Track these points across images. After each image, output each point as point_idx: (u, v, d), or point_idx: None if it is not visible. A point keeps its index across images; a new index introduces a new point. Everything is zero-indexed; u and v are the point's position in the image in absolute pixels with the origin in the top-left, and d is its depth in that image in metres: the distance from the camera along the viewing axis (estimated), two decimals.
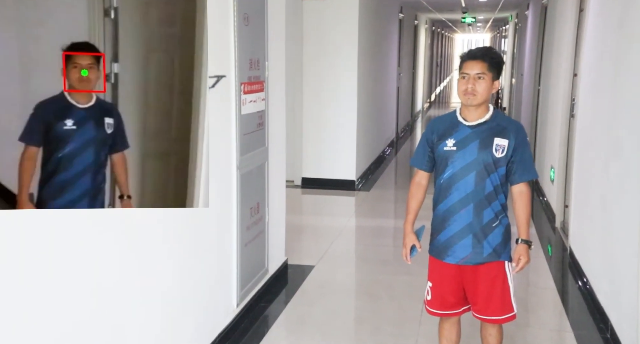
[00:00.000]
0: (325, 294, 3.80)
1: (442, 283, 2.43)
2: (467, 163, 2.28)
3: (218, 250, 2.94)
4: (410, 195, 2.49)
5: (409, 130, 11.80)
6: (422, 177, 2.47)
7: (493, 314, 2.41)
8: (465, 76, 2.28)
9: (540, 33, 7.42)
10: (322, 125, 6.49)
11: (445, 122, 2.37)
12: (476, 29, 23.64)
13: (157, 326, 2.40)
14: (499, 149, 2.28)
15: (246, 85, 3.05)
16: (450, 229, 2.34)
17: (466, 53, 2.35)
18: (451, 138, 2.30)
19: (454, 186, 2.30)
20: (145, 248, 2.27)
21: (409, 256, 2.46)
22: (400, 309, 3.56)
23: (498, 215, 2.33)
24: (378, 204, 6.29)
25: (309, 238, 4.91)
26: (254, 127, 3.23)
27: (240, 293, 3.17)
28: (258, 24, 3.21)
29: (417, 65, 13.23)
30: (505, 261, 2.38)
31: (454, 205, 2.31)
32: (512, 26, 13.67)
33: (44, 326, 1.75)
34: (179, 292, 2.56)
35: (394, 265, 4.40)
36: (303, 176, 6.56)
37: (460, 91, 2.29)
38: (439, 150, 2.33)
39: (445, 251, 2.37)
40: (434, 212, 2.40)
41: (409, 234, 2.46)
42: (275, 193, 3.69)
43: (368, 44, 6.98)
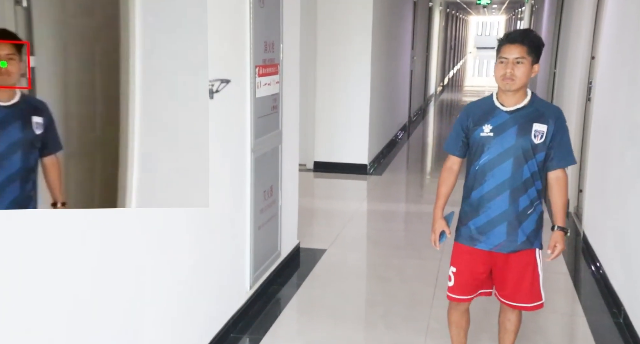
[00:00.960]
0: (337, 278, 3.82)
1: (469, 269, 2.40)
2: (505, 150, 2.24)
3: (232, 232, 2.96)
4: (442, 180, 2.45)
5: (421, 114, 11.73)
6: (455, 162, 2.43)
7: (522, 301, 2.39)
8: (504, 60, 2.22)
9: (558, 15, 7.29)
10: (335, 108, 6.47)
11: (482, 107, 2.32)
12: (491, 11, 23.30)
13: (173, 309, 2.43)
14: (538, 135, 2.24)
15: (261, 68, 3.04)
16: (484, 216, 2.30)
17: (504, 36, 2.28)
18: (488, 124, 2.26)
19: (490, 172, 2.26)
20: (159, 232, 2.29)
21: (438, 242, 2.45)
22: (412, 293, 3.58)
23: (533, 202, 2.29)
24: (390, 188, 6.29)
25: (321, 222, 4.93)
26: (268, 110, 3.23)
27: (253, 275, 3.20)
28: (273, 5, 3.19)
29: (430, 48, 13.09)
30: (537, 249, 2.35)
31: (489, 191, 2.27)
32: (529, 8, 13.45)
33: (62, 310, 1.78)
34: (193, 275, 2.59)
35: (405, 248, 4.41)
36: (315, 160, 6.56)
37: (498, 76, 2.23)
38: (475, 136, 2.29)
39: (478, 238, 2.34)
40: (466, 199, 2.37)
41: (438, 220, 2.44)
42: (288, 177, 3.70)
43: (382, 27, 6.91)
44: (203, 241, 2.67)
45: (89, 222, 1.86)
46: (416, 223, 5.14)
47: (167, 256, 2.36)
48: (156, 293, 2.29)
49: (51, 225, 1.72)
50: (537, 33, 2.32)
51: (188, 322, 2.56)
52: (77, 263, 1.83)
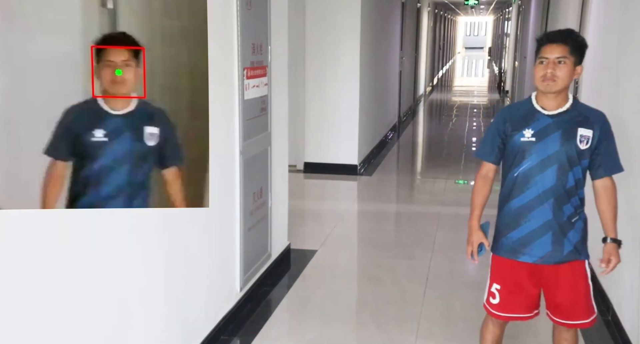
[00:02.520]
0: (328, 278, 3.83)
1: (515, 285, 2.24)
2: (548, 156, 2.11)
3: (221, 234, 2.96)
4: (476, 189, 2.30)
5: (411, 114, 11.77)
6: (490, 170, 2.29)
7: (579, 317, 2.23)
8: (544, 60, 2.09)
9: (544, 15, 7.36)
10: (325, 109, 6.48)
11: (520, 110, 2.19)
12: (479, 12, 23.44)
13: (162, 311, 2.42)
14: (584, 140, 2.11)
15: (249, 70, 3.04)
16: (526, 226, 2.16)
17: (545, 36, 2.15)
18: (529, 129, 2.12)
19: (532, 180, 2.13)
20: (148, 233, 2.28)
21: (476, 255, 2.28)
22: (402, 293, 3.59)
23: (577, 210, 2.18)
24: (380, 188, 6.30)
25: (312, 223, 4.93)
26: (257, 112, 3.23)
27: (244, 277, 3.20)
28: (261, 7, 3.19)
29: (419, 48, 13.14)
30: (585, 260, 2.22)
31: (531, 200, 2.14)
32: (516, 8, 13.55)
33: (51, 310, 1.77)
34: (183, 277, 2.58)
35: (396, 248, 4.42)
36: (305, 161, 6.57)
37: (538, 77, 2.10)
38: (514, 141, 2.15)
39: (521, 249, 2.19)
40: (504, 208, 2.23)
41: (476, 231, 2.27)
42: (278, 178, 3.70)
43: (370, 28, 6.93)
44: (192, 243, 2.66)
45: (75, 223, 1.85)
46: (406, 224, 5.16)
47: (156, 258, 2.35)
48: (145, 295, 2.29)
49: (36, 225, 1.71)
50: (579, 33, 2.17)
51: (178, 324, 2.56)
52: (64, 264, 1.82)
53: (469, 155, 8.24)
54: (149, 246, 2.29)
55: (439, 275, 3.86)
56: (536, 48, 2.16)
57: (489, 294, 2.31)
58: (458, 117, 12.13)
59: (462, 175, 7.05)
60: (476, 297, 3.56)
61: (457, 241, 4.61)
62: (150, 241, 2.30)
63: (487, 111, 13.21)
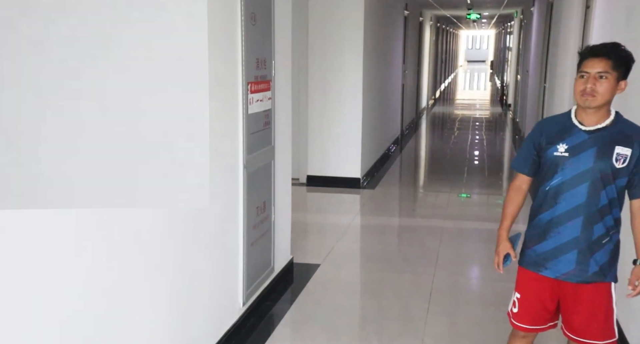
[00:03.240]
0: (331, 293, 3.80)
1: (534, 297, 2.23)
2: (580, 172, 2.06)
3: (224, 249, 2.95)
4: (509, 200, 2.28)
5: (414, 127, 11.78)
6: (523, 182, 2.26)
7: (593, 338, 2.17)
8: (585, 75, 2.03)
9: (546, 29, 7.39)
10: (327, 123, 6.49)
11: (557, 124, 2.14)
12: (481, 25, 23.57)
13: (164, 325, 2.41)
14: (621, 159, 2.03)
15: (253, 85, 3.05)
16: (552, 241, 2.13)
17: (588, 49, 2.08)
18: (563, 143, 2.08)
19: (562, 195, 2.09)
20: (151, 248, 2.28)
21: (502, 265, 2.27)
22: (406, 308, 3.57)
23: (609, 231, 2.10)
24: (383, 202, 6.29)
25: (315, 237, 4.92)
26: (261, 126, 3.23)
27: (247, 292, 3.18)
28: (265, 23, 3.21)
29: (422, 62, 13.20)
30: (612, 282, 2.15)
31: (560, 215, 2.10)
32: (518, 22, 13.62)
33: (54, 323, 1.76)
34: (186, 291, 2.57)
35: (399, 263, 4.40)
36: (308, 174, 6.57)
37: (578, 91, 2.04)
38: (548, 155, 2.11)
39: (544, 264, 2.17)
40: (533, 221, 2.20)
41: (503, 241, 2.26)
42: (281, 192, 3.70)
43: (373, 41, 6.97)
44: (195, 258, 2.65)
45: (78, 236, 1.85)
46: (410, 237, 5.14)
47: (158, 272, 2.34)
48: (148, 310, 2.27)
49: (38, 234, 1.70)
50: (625, 48, 2.10)
51: (181, 339, 2.54)
52: (68, 276, 1.81)
53: (471, 169, 8.23)
54: (153, 261, 2.28)
55: (442, 290, 3.83)
56: (578, 61, 2.10)
57: (512, 303, 2.31)
58: (460, 130, 12.14)
59: (465, 188, 7.03)
60: (481, 313, 3.53)
61: (461, 256, 4.59)
62: (155, 255, 2.29)
63: (489, 124, 13.22)
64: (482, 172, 8.11)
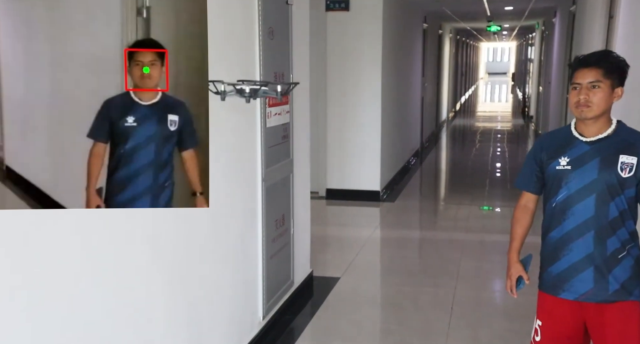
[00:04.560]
0: (351, 306, 3.78)
1: (556, 323, 2.11)
2: (585, 185, 1.99)
3: (244, 262, 2.96)
4: (515, 220, 2.22)
5: (433, 140, 11.73)
6: (529, 200, 2.19)
7: None
8: (577, 86, 1.99)
9: (568, 40, 7.32)
10: (346, 136, 6.50)
11: (557, 138, 2.11)
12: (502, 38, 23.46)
13: (184, 339, 2.42)
14: (626, 168, 1.97)
15: (271, 99, 3.08)
16: (565, 260, 2.04)
17: (577, 60, 2.04)
18: (565, 156, 2.03)
19: (569, 210, 2.02)
20: (170, 261, 2.29)
21: (515, 289, 2.20)
22: (427, 321, 3.52)
23: (625, 245, 2.01)
24: (403, 215, 6.25)
25: (334, 250, 4.90)
26: (279, 140, 3.25)
27: (266, 305, 3.18)
28: (283, 37, 3.25)
29: (441, 74, 13.17)
30: (639, 300, 2.03)
31: (569, 232, 2.02)
32: (539, 34, 13.52)
33: (73, 341, 1.78)
34: (205, 305, 2.58)
35: (419, 276, 4.36)
36: (327, 187, 6.57)
37: (572, 103, 2.00)
38: (550, 170, 2.06)
39: (561, 285, 2.07)
40: (544, 240, 2.12)
41: (514, 264, 2.19)
42: (300, 205, 3.70)
43: (392, 54, 6.99)
44: (215, 272, 2.66)
45: (94, 245, 1.87)
46: (430, 250, 5.10)
47: (177, 286, 2.35)
48: (168, 324, 2.28)
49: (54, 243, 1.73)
50: (616, 53, 2.08)
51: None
52: (87, 288, 1.83)
53: (493, 181, 8.14)
54: (171, 274, 2.30)
55: (464, 304, 3.78)
56: (570, 73, 2.07)
57: (534, 331, 2.19)
58: (482, 142, 12.04)
59: (487, 201, 6.95)
60: (503, 327, 3.47)
61: (482, 269, 4.53)
62: (174, 268, 2.31)
63: (511, 136, 13.09)
64: (504, 184, 8.02)
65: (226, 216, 2.73)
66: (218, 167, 2.63)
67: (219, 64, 2.48)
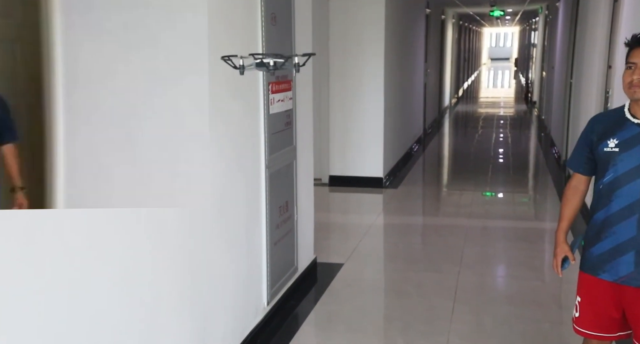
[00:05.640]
0: (355, 292, 3.80)
1: (595, 302, 2.12)
2: (633, 167, 1.97)
3: (248, 248, 2.97)
4: (565, 200, 2.20)
5: (436, 126, 11.70)
6: (579, 181, 2.18)
7: None
8: (632, 66, 1.95)
9: (573, 24, 7.26)
10: (349, 122, 6.48)
11: (609, 119, 2.07)
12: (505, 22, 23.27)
13: (189, 325, 2.43)
14: None
15: (274, 85, 3.07)
16: (607, 242, 2.04)
17: (635, 38, 1.99)
18: (614, 138, 2.00)
19: (615, 193, 2.00)
20: (174, 248, 2.30)
21: (560, 268, 2.20)
22: (431, 307, 3.54)
23: None
24: (406, 201, 6.26)
25: (338, 236, 4.92)
26: (282, 126, 3.24)
27: (271, 291, 3.19)
28: (285, 23, 3.22)
29: (444, 60, 13.09)
30: None
31: (613, 214, 2.01)
32: (542, 18, 13.41)
33: (82, 326, 1.80)
34: (210, 291, 2.59)
35: (423, 262, 4.37)
36: (331, 174, 6.57)
37: (625, 83, 1.97)
38: (599, 151, 2.04)
39: (601, 266, 2.07)
40: (590, 221, 2.12)
41: (560, 244, 2.19)
42: (303, 192, 3.71)
43: (394, 40, 6.94)
44: (219, 258, 2.67)
45: (98, 233, 1.88)
46: (433, 237, 5.11)
47: (182, 273, 2.36)
48: (173, 310, 2.30)
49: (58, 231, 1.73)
50: None
51: (206, 339, 2.56)
52: (94, 277, 1.84)
53: (496, 167, 8.13)
54: (176, 261, 2.31)
55: (467, 289, 3.80)
56: (627, 52, 2.02)
57: (574, 308, 2.21)
58: (484, 128, 12.01)
59: (490, 187, 6.95)
60: (507, 312, 3.49)
61: (486, 255, 4.54)
62: (178, 255, 2.32)
63: (514, 122, 13.04)
64: (506, 170, 8.01)
65: (230, 203, 2.74)
66: (221, 153, 2.63)
67: (221, 50, 2.47)
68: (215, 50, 2.40)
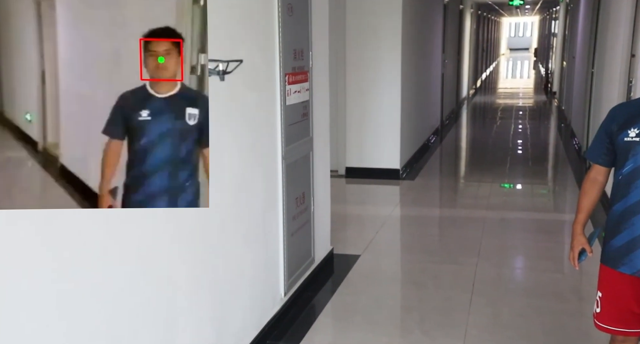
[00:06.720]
0: (371, 284, 3.80)
1: (616, 296, 2.09)
2: None
3: (265, 239, 2.98)
4: (583, 192, 2.18)
5: (454, 118, 11.60)
6: (598, 173, 2.14)
7: None
8: None
9: (595, 13, 7.12)
10: (366, 114, 6.46)
11: (630, 109, 2.05)
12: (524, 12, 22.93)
13: (207, 316, 2.46)
14: None
15: (290, 76, 3.06)
16: (626, 233, 2.00)
17: None
18: (634, 128, 1.97)
19: (634, 183, 1.97)
20: (191, 240, 2.32)
21: (577, 261, 2.18)
22: (448, 299, 3.53)
23: None
24: (423, 193, 6.23)
25: (354, 228, 4.91)
26: (299, 118, 3.24)
27: (288, 282, 3.21)
28: (302, 13, 3.21)
29: (462, 51, 12.95)
30: None
31: (632, 205, 1.98)
32: (564, 7, 13.17)
33: (100, 314, 1.82)
34: (228, 282, 2.61)
35: (440, 254, 4.35)
36: (347, 165, 6.56)
37: None
38: (619, 141, 2.01)
39: (620, 259, 2.03)
40: (609, 213, 2.09)
41: (577, 236, 2.17)
42: (320, 183, 3.71)
43: (411, 30, 6.88)
44: (237, 249, 2.69)
45: (117, 224, 1.90)
46: (450, 228, 5.08)
47: (201, 263, 2.38)
48: (191, 300, 2.32)
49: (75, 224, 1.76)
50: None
51: (224, 329, 2.59)
52: (110, 267, 1.86)
53: (514, 158, 8.05)
54: (194, 252, 2.33)
55: (485, 281, 3.77)
56: None
57: (595, 303, 2.18)
58: (503, 119, 11.88)
59: (508, 178, 6.88)
60: (525, 304, 3.46)
61: (504, 247, 4.50)
62: (195, 246, 2.34)
63: (533, 113, 12.88)
64: (525, 161, 7.92)
65: (247, 194, 2.75)
66: (238, 145, 2.63)
67: (237, 42, 2.47)
68: None
